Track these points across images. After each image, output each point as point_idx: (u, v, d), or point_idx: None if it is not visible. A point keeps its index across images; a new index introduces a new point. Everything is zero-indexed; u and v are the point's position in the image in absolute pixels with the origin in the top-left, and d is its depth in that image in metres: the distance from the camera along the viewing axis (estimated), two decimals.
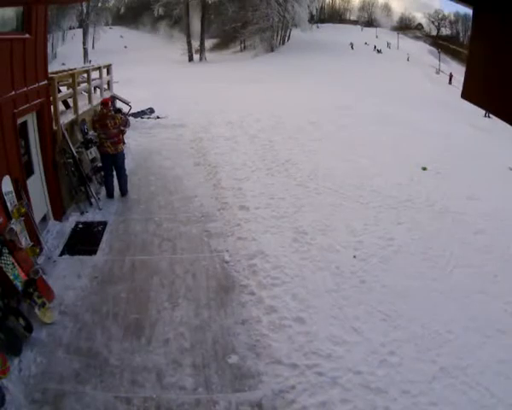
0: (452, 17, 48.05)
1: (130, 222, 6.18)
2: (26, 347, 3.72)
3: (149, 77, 21.94)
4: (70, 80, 7.23)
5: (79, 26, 39.43)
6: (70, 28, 39.36)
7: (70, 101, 7.24)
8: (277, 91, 17.52)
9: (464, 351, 3.88)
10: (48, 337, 3.92)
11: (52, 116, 5.99)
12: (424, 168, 8.61)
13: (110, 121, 6.77)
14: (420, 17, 50.20)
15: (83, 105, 7.52)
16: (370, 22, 49.87)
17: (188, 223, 6.16)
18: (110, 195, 6.93)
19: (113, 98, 10.49)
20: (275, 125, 11.39)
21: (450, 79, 30.29)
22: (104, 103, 6.95)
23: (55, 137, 6.03)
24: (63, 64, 22.87)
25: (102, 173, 7.15)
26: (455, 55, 41.50)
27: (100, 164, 7.17)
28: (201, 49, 38.90)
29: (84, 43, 38.03)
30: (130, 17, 46.25)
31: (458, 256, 5.48)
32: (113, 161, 6.91)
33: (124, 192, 7.04)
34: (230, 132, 10.70)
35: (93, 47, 39.63)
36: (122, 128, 7.01)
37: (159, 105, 13.16)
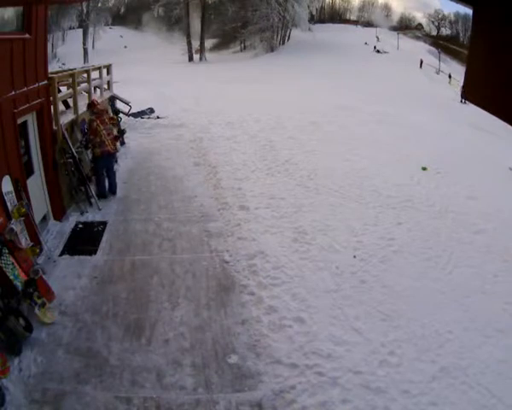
0: (452, 17, 48.01)
1: (130, 222, 6.18)
2: (26, 347, 3.73)
3: (149, 77, 21.91)
4: (70, 80, 7.23)
5: (79, 26, 39.44)
6: (70, 28, 39.38)
7: (70, 101, 7.24)
8: (277, 91, 17.49)
9: (464, 351, 3.88)
10: (48, 337, 3.92)
11: (52, 116, 5.99)
12: (424, 168, 8.60)
13: (106, 116, 7.08)
14: (420, 17, 50.21)
15: (83, 105, 7.51)
16: (370, 22, 49.78)
17: (188, 223, 6.16)
18: (104, 195, 6.91)
19: (113, 98, 10.50)
20: (275, 125, 11.37)
21: (421, 64, 34.45)
22: (93, 103, 7.08)
23: (55, 137, 6.04)
24: (63, 64, 22.88)
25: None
26: (455, 55, 41.44)
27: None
28: (201, 49, 38.88)
29: (84, 43, 38.06)
30: (130, 17, 46.22)
31: (458, 256, 5.48)
32: (110, 161, 7.01)
33: (115, 191, 7.09)
34: (230, 132, 10.69)
35: (93, 47, 39.65)
36: (117, 135, 7.28)
37: (159, 105, 13.14)
